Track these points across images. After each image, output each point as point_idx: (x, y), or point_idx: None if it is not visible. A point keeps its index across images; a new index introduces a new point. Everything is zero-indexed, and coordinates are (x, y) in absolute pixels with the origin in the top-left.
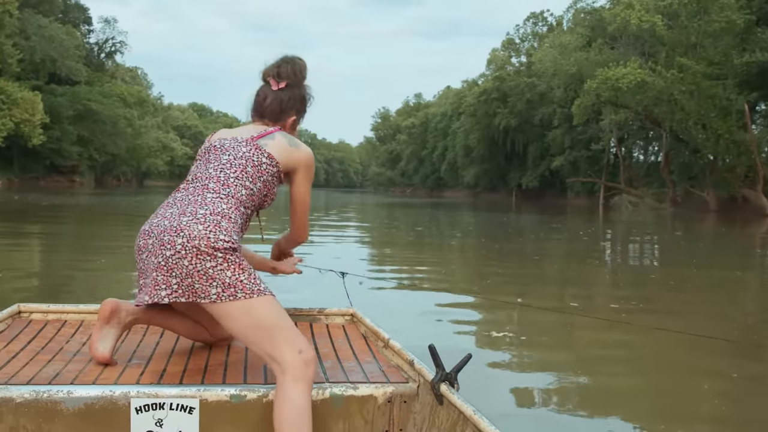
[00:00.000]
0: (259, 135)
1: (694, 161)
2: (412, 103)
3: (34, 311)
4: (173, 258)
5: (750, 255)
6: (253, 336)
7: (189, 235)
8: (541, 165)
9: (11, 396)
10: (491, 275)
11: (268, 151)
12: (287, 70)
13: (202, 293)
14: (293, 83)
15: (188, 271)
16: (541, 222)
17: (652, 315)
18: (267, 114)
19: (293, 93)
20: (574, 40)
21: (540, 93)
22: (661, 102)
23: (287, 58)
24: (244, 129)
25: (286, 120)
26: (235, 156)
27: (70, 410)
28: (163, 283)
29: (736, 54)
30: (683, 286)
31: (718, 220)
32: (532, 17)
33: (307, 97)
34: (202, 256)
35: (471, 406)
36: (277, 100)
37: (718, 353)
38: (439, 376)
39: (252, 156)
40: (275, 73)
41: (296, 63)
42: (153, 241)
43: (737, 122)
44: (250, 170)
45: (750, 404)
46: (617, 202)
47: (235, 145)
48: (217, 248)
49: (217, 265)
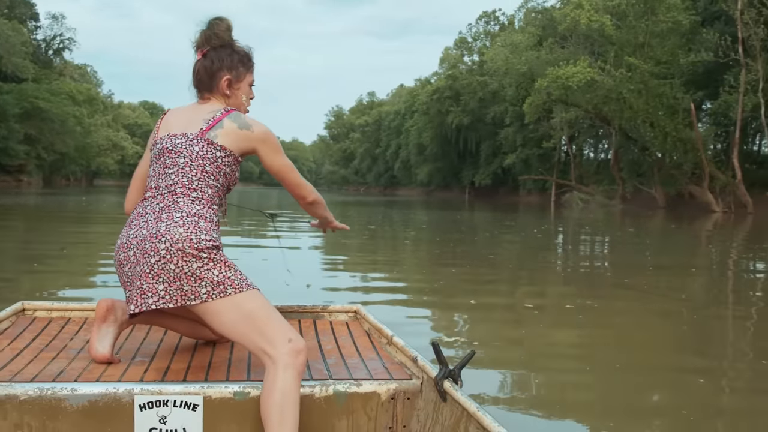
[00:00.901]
0: (208, 126)
1: (642, 159)
2: (366, 101)
3: (38, 309)
4: (158, 264)
5: (701, 251)
6: (243, 329)
7: (171, 239)
8: (494, 163)
9: (15, 393)
10: (445, 274)
11: (219, 143)
12: (204, 36)
13: (191, 295)
14: (215, 46)
15: (175, 275)
16: (494, 220)
17: (606, 313)
18: (200, 86)
19: (217, 54)
20: (526, 39)
21: (492, 91)
22: (610, 100)
23: (207, 23)
24: (192, 113)
25: (219, 83)
26: (191, 158)
27: (74, 407)
28: (149, 291)
29: (683, 54)
30: (637, 283)
31: (666, 216)
32: (485, 16)
33: (237, 51)
34: (187, 258)
35: (474, 403)
36: (202, 68)
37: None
38: (443, 373)
39: (207, 154)
40: (201, 41)
41: (213, 25)
42: (134, 252)
43: (684, 120)
44: (210, 169)
45: (697, 396)
46: (568, 199)
47: (187, 145)
48: (201, 248)
49: (203, 266)
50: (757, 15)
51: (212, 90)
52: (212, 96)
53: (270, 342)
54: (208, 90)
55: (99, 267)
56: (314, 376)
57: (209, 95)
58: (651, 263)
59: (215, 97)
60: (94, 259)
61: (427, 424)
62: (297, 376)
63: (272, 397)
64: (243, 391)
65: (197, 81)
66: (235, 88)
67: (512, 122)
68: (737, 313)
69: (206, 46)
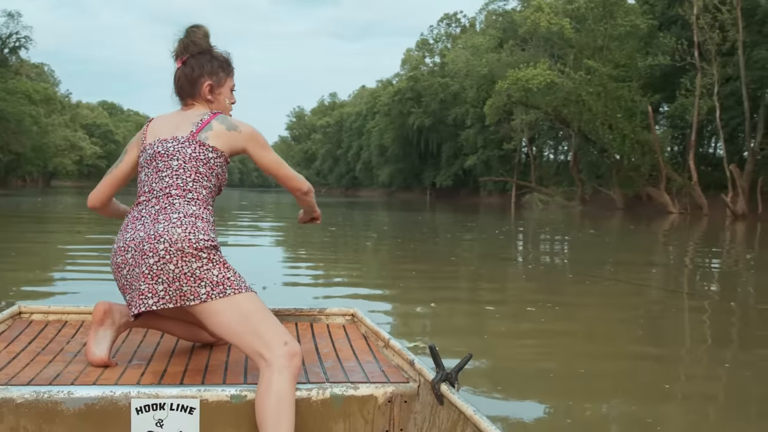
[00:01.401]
0: (198, 129)
1: (601, 160)
2: (327, 102)
3: (34, 312)
4: (158, 264)
5: (659, 251)
6: (239, 331)
7: (170, 239)
8: (455, 164)
9: (12, 396)
10: (407, 276)
11: (210, 144)
12: (182, 44)
13: (191, 295)
14: (194, 53)
15: (175, 275)
16: (455, 221)
17: (565, 316)
18: (182, 93)
19: (197, 61)
20: (486, 41)
21: (453, 93)
22: (569, 103)
23: (185, 32)
24: (179, 119)
25: (200, 89)
26: (184, 160)
27: (70, 411)
28: (149, 292)
29: (640, 57)
30: (598, 280)
31: (625, 217)
32: (446, 18)
33: (216, 57)
34: (187, 258)
35: (471, 406)
36: (183, 76)
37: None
38: (440, 376)
39: (199, 155)
40: (180, 50)
41: (191, 33)
42: (132, 254)
43: (641, 123)
44: (203, 170)
45: (648, 381)
46: (528, 201)
47: (179, 148)
48: (200, 248)
49: (202, 266)
50: (712, 20)
51: (195, 96)
52: (195, 102)
53: (265, 344)
54: (190, 96)
55: (52, 268)
56: (311, 379)
57: (192, 101)
58: (611, 262)
59: (198, 103)
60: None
61: (424, 427)
62: (292, 379)
63: (267, 401)
64: (240, 394)
65: (179, 88)
66: (216, 93)
67: (473, 124)
68: (693, 305)
69: (185, 54)
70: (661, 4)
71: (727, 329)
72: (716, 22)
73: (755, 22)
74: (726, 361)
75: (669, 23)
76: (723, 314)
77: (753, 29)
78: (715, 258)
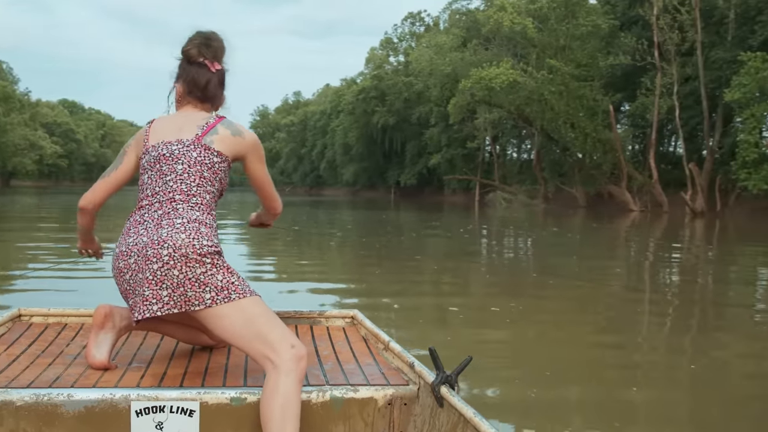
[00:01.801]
0: (203, 132)
1: (563, 159)
2: (291, 101)
3: (34, 314)
4: (161, 270)
5: (621, 248)
6: (245, 335)
7: (174, 245)
8: (419, 163)
9: (12, 399)
10: (370, 275)
11: (216, 149)
12: (214, 51)
13: (195, 300)
14: (221, 62)
15: (179, 281)
16: (420, 220)
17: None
18: (209, 98)
19: (223, 72)
20: (450, 40)
21: (417, 92)
22: (532, 101)
23: (213, 36)
24: (182, 121)
25: (222, 101)
26: (189, 164)
27: (70, 413)
28: (153, 297)
29: (602, 57)
30: (563, 276)
31: (587, 215)
32: (410, 17)
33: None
34: (191, 263)
35: (471, 409)
36: (217, 82)
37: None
38: (440, 379)
39: (204, 159)
40: (212, 54)
41: (221, 41)
42: (135, 259)
43: (603, 122)
44: (207, 174)
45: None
46: (492, 199)
47: (185, 151)
48: (204, 254)
49: (206, 271)
50: (672, 20)
51: (217, 104)
52: (206, 108)
53: (272, 348)
54: (214, 103)
55: None
56: (311, 381)
57: (201, 106)
58: (575, 260)
59: (204, 107)
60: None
61: (424, 429)
62: (298, 382)
63: (274, 402)
64: (240, 396)
65: (208, 93)
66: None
67: (437, 122)
68: (653, 298)
69: (218, 62)
70: (622, 5)
71: (686, 323)
72: (676, 23)
73: (713, 23)
74: (686, 353)
75: (630, 23)
76: (683, 309)
77: (711, 30)
78: (676, 254)
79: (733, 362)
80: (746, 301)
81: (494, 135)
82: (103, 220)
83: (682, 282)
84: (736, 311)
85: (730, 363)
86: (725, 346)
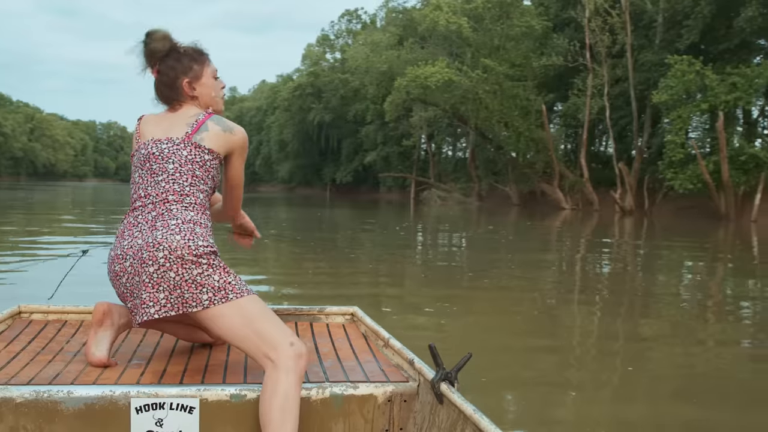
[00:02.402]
0: (193, 130)
1: (497, 157)
2: (227, 96)
3: (34, 311)
4: (158, 273)
5: (553, 245)
6: (244, 334)
7: (169, 246)
8: (355, 160)
9: (11, 396)
10: (303, 275)
11: (206, 146)
12: (147, 55)
13: (193, 302)
14: (163, 59)
15: (176, 283)
16: (356, 217)
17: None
18: (165, 99)
19: (166, 65)
20: (386, 38)
21: (353, 89)
22: (467, 100)
23: (142, 44)
24: (171, 118)
25: (180, 89)
26: (180, 163)
27: (70, 410)
28: (150, 300)
29: (535, 57)
30: (496, 274)
31: (520, 213)
32: (347, 14)
33: (185, 53)
34: (187, 265)
35: (471, 405)
36: (161, 84)
37: (527, 332)
38: (440, 375)
39: (195, 158)
40: (144, 66)
41: (149, 42)
42: (131, 262)
43: (536, 121)
44: (200, 173)
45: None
46: (427, 197)
47: (175, 150)
48: (199, 255)
49: (203, 272)
50: (603, 23)
51: (179, 97)
52: (182, 102)
53: (272, 346)
54: (174, 98)
55: None
56: (311, 378)
57: (179, 102)
58: (510, 258)
59: (186, 102)
60: None
61: (424, 426)
62: (299, 380)
63: (274, 400)
64: (239, 393)
65: (161, 96)
66: (197, 85)
67: (373, 120)
68: (582, 299)
69: (155, 63)
70: (555, 7)
71: (614, 318)
72: (606, 26)
73: (642, 27)
74: (614, 348)
75: (562, 25)
76: (612, 305)
77: (640, 33)
78: (606, 249)
79: (658, 346)
80: (671, 291)
81: (430, 133)
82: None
83: (612, 275)
84: (662, 300)
85: (654, 347)
86: (651, 330)
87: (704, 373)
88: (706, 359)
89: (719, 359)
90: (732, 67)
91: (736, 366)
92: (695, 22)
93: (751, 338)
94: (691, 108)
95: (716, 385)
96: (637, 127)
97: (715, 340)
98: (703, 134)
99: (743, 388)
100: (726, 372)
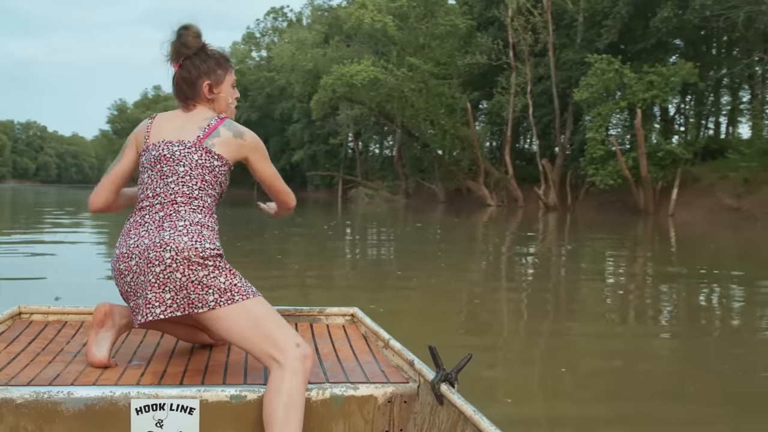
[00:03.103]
0: (205, 134)
1: (424, 155)
2: (151, 95)
3: (34, 312)
4: (164, 273)
5: (480, 241)
6: (250, 336)
7: (176, 247)
8: (282, 159)
9: (12, 397)
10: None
11: (217, 152)
12: (175, 48)
13: (199, 303)
14: (189, 55)
15: (182, 284)
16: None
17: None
18: (181, 96)
19: (192, 63)
20: (312, 36)
21: (280, 87)
22: (392, 99)
23: (175, 34)
24: (183, 120)
25: (200, 90)
26: (190, 167)
27: (70, 411)
28: (156, 300)
29: (460, 56)
30: (426, 271)
31: (447, 210)
32: (273, 12)
33: (212, 55)
34: (193, 266)
35: (471, 406)
36: (181, 79)
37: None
38: (440, 376)
39: (205, 163)
40: (168, 57)
41: (181, 35)
42: (137, 261)
43: (461, 119)
44: (209, 178)
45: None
46: (354, 195)
47: (186, 153)
48: (206, 257)
49: (209, 273)
50: (525, 22)
51: (195, 98)
52: (197, 103)
53: (277, 347)
54: (191, 98)
55: None
56: (311, 379)
57: (194, 103)
58: (438, 254)
59: (200, 104)
60: None
61: (424, 427)
62: (304, 380)
63: (278, 401)
64: (240, 394)
65: (178, 91)
66: (216, 91)
67: (300, 119)
68: (510, 295)
69: (180, 57)
70: (479, 6)
71: (542, 306)
72: (529, 25)
73: (564, 26)
74: (542, 333)
75: (486, 24)
76: (538, 293)
77: (562, 32)
78: (531, 244)
79: (581, 340)
80: (594, 286)
81: (356, 131)
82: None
83: (536, 270)
84: (584, 293)
85: (578, 341)
86: (575, 324)
87: (623, 366)
88: (627, 351)
89: (640, 351)
90: (649, 66)
91: (655, 356)
92: (614, 22)
93: (668, 332)
94: (611, 106)
95: (640, 378)
96: (560, 125)
97: (633, 333)
98: (622, 131)
99: (661, 381)
100: (647, 364)
